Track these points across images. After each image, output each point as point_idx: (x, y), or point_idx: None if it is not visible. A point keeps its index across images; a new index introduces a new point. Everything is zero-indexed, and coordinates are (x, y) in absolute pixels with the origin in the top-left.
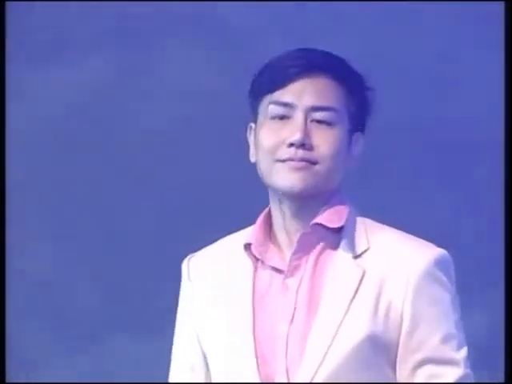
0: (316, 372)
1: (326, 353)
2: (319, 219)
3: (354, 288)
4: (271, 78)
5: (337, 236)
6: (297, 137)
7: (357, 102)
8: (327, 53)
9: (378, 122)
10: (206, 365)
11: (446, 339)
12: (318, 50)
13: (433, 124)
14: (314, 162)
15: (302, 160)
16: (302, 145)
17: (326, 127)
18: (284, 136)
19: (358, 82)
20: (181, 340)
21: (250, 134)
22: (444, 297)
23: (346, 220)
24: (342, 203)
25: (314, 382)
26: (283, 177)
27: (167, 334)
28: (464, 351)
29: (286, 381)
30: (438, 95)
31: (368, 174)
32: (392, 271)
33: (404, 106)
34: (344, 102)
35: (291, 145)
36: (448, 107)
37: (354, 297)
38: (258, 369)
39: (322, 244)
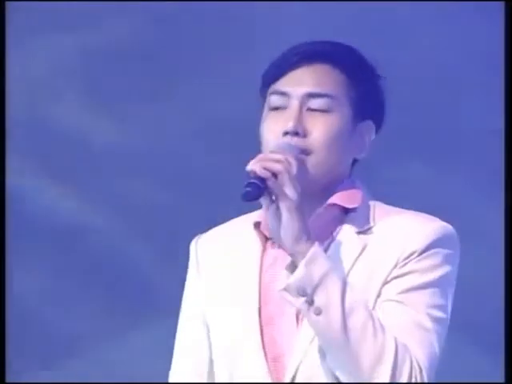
0: (313, 338)
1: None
2: (334, 199)
3: (353, 259)
4: (273, 70)
5: (347, 216)
6: (290, 125)
7: (360, 90)
8: (331, 42)
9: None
10: (210, 347)
11: (413, 327)
12: (321, 40)
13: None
14: (308, 153)
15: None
16: (296, 133)
17: (320, 114)
18: (280, 126)
19: (362, 69)
20: (187, 321)
21: None
22: (435, 273)
23: (361, 201)
24: (354, 186)
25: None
26: None
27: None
28: (423, 353)
29: (295, 359)
30: (439, 95)
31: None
32: (391, 244)
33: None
34: (344, 90)
35: (286, 133)
36: (448, 107)
37: (351, 267)
38: (264, 349)
39: (333, 223)
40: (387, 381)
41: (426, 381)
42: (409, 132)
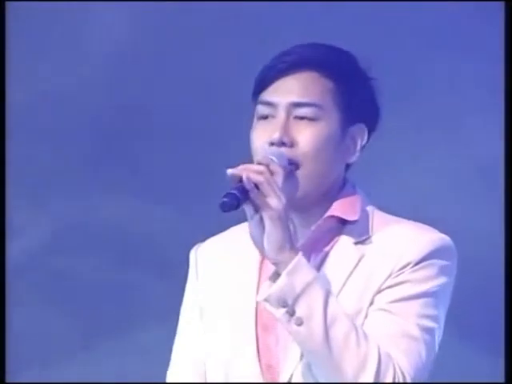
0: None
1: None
2: (333, 211)
3: (350, 269)
4: (261, 78)
5: (345, 226)
6: (276, 135)
7: (350, 94)
8: (320, 46)
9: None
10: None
11: (400, 335)
12: (311, 44)
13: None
14: (297, 164)
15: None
16: (283, 143)
17: (307, 123)
18: (267, 136)
19: (351, 74)
20: (185, 330)
21: None
22: (429, 284)
23: (360, 212)
24: (353, 195)
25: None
26: None
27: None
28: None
29: (289, 367)
30: (438, 95)
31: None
32: (388, 254)
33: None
34: (332, 96)
35: (272, 144)
36: (447, 107)
37: (348, 277)
38: (259, 357)
39: (331, 234)
40: None
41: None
42: (405, 133)
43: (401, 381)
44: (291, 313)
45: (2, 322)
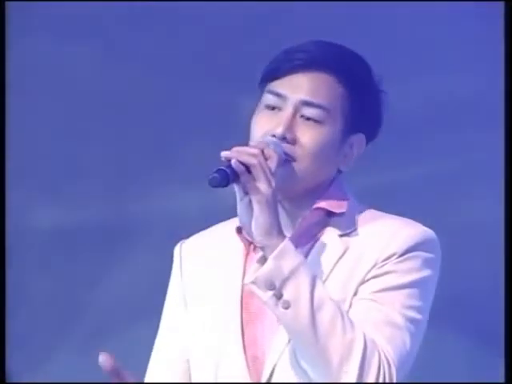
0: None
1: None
2: (322, 204)
3: (335, 261)
4: (274, 68)
5: (331, 219)
6: (279, 130)
7: (357, 103)
8: (335, 47)
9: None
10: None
11: (384, 323)
12: (328, 43)
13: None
14: (293, 159)
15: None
16: (284, 138)
17: (313, 124)
18: (270, 127)
19: (361, 82)
20: (168, 326)
21: None
22: (413, 275)
23: (348, 207)
24: (342, 193)
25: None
26: None
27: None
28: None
29: (271, 359)
30: (438, 94)
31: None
32: (372, 246)
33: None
34: (340, 102)
35: (273, 136)
36: (448, 107)
37: (333, 268)
38: (245, 351)
39: (317, 226)
40: (355, 375)
41: (394, 375)
42: (408, 134)
43: (386, 368)
44: (278, 296)
45: (2, 321)
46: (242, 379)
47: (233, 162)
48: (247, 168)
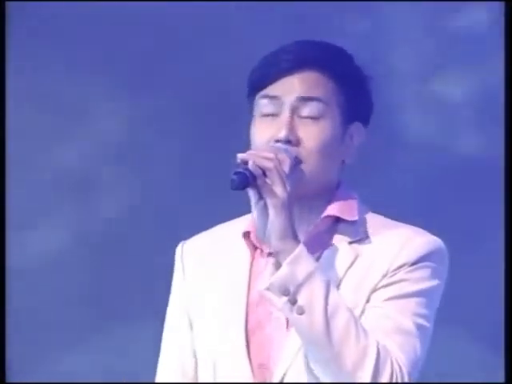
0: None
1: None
2: (333, 211)
3: (345, 268)
4: (263, 74)
5: (342, 226)
6: (282, 133)
7: (349, 94)
8: (318, 45)
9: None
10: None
11: (396, 330)
12: (310, 42)
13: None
14: (300, 161)
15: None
16: (288, 141)
17: (312, 122)
18: (271, 133)
19: (350, 73)
20: (172, 328)
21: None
22: (423, 284)
23: (358, 214)
24: (350, 197)
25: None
26: None
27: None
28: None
29: (282, 365)
30: (437, 95)
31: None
32: (383, 255)
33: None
34: (333, 95)
35: (277, 141)
36: (447, 108)
37: (343, 276)
38: (250, 356)
39: (328, 233)
40: (369, 381)
41: (406, 381)
42: (403, 135)
43: (398, 374)
44: (293, 301)
45: (2, 321)
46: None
47: (250, 164)
48: (263, 172)
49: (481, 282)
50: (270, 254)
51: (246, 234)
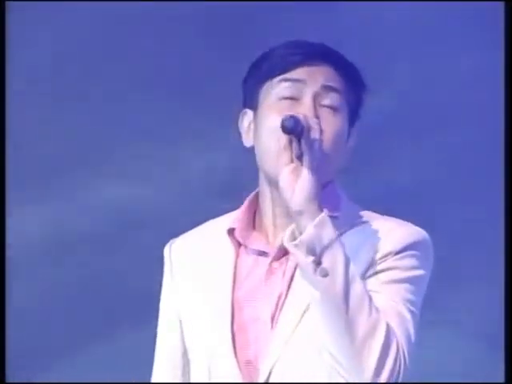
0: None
1: (300, 318)
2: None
3: None
4: (286, 59)
5: None
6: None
7: (355, 96)
8: (327, 46)
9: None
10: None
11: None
12: (317, 43)
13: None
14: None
15: None
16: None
17: (332, 112)
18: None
19: (357, 77)
20: (163, 328)
21: (243, 120)
22: (412, 272)
23: (342, 209)
24: (335, 194)
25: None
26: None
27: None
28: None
29: (269, 361)
30: (437, 94)
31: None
32: (366, 246)
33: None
34: (346, 93)
35: None
36: (447, 107)
37: None
38: (236, 354)
39: None
40: (378, 352)
41: (407, 361)
42: (405, 132)
43: (401, 353)
44: (317, 262)
45: (2, 321)
46: (234, 381)
47: (301, 117)
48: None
49: (481, 282)
50: (257, 251)
51: (231, 231)
